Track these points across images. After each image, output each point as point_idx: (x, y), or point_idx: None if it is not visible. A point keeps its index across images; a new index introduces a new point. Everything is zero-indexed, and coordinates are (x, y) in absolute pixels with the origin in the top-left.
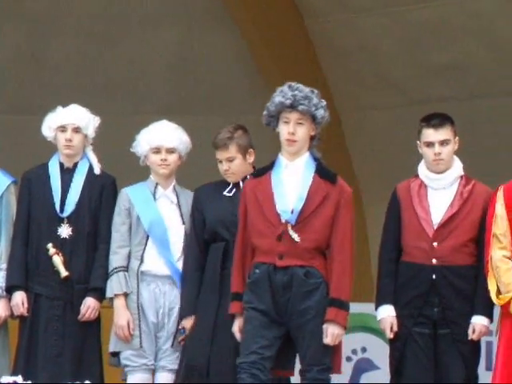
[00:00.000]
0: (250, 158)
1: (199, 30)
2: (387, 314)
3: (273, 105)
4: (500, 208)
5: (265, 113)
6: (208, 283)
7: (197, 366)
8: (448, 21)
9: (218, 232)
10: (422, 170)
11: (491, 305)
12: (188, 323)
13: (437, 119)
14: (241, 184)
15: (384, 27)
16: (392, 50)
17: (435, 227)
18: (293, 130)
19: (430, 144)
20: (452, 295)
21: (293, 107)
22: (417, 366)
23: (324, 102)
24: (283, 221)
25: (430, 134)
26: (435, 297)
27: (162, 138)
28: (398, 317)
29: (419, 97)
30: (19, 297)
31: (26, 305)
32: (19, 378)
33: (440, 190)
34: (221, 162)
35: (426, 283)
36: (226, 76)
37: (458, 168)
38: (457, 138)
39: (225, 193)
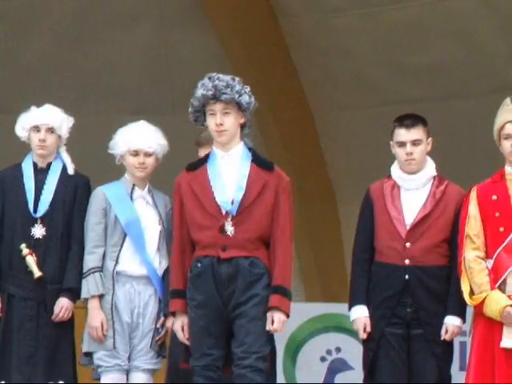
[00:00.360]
0: None
1: (173, 29)
2: (360, 314)
3: (196, 99)
4: (473, 209)
5: (190, 109)
6: None
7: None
8: (423, 22)
9: None
10: (395, 170)
11: (464, 305)
12: (170, 322)
13: (409, 119)
14: None
15: (359, 28)
16: (366, 51)
17: (408, 228)
18: (220, 120)
19: (402, 144)
20: (425, 295)
21: (216, 98)
22: (390, 366)
23: (247, 88)
24: (224, 212)
25: (401, 134)
26: (408, 297)
27: (141, 142)
28: (371, 317)
29: (394, 97)
30: None
31: None
32: None
33: (413, 190)
34: None
35: (399, 284)
36: (201, 76)
37: (430, 168)
38: (430, 138)
39: None
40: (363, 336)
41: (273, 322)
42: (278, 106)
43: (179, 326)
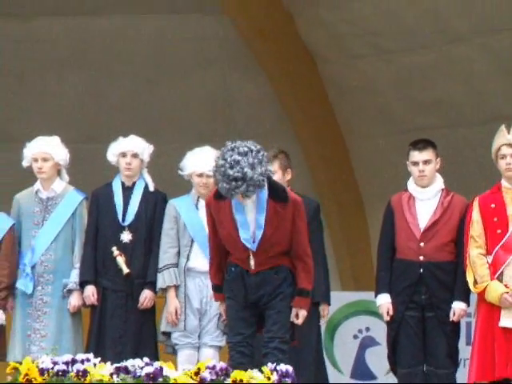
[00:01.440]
0: (288, 176)
1: (232, 73)
2: (384, 301)
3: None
4: (476, 215)
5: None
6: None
7: None
8: (432, 64)
9: None
10: (411, 184)
11: (468, 292)
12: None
13: (421, 143)
14: None
15: (380, 69)
16: (387, 89)
17: (422, 230)
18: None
19: (415, 163)
20: (436, 285)
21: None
22: (409, 342)
23: (263, 161)
24: (247, 248)
25: (415, 155)
26: (422, 286)
27: (206, 165)
28: (392, 303)
29: (409, 126)
30: (90, 290)
31: (95, 296)
32: (91, 355)
33: (425, 200)
34: None
35: (415, 276)
36: (255, 111)
37: (439, 183)
38: (438, 159)
39: None
40: (387, 318)
41: (297, 316)
42: (318, 136)
43: (223, 309)
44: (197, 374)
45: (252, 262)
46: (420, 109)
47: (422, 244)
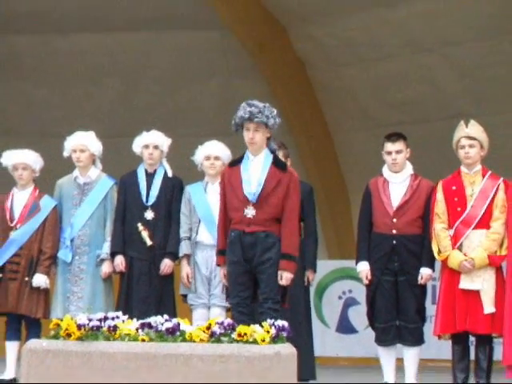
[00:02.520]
0: (288, 164)
1: (236, 79)
2: (364, 267)
3: (237, 117)
4: (440, 195)
5: (233, 123)
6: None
7: None
8: (402, 71)
9: None
10: (385, 171)
11: (433, 260)
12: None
13: (394, 136)
14: None
15: (360, 75)
16: (366, 91)
17: (394, 209)
18: (252, 135)
19: (389, 153)
20: (406, 254)
21: (251, 120)
22: (384, 301)
23: (274, 112)
24: (248, 199)
25: (389, 146)
26: (395, 255)
27: (212, 150)
28: (371, 269)
29: (385, 122)
30: (119, 259)
31: (124, 264)
32: (120, 313)
33: (397, 183)
34: None
35: (389, 247)
36: None
37: (409, 169)
38: (408, 149)
39: None
40: (366, 282)
41: (282, 278)
42: (308, 131)
43: (223, 273)
44: (208, 328)
45: (250, 213)
46: (393, 108)
47: (394, 220)
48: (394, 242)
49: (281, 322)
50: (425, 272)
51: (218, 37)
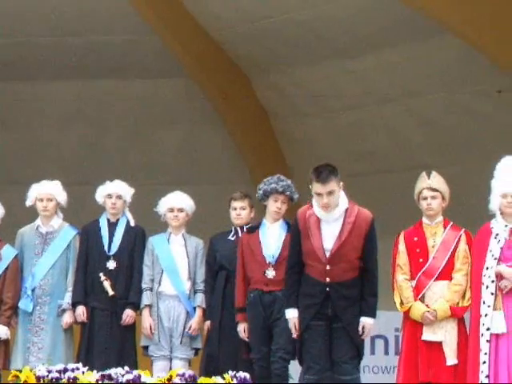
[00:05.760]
0: (252, 214)
1: (199, 128)
2: (292, 315)
3: (268, 189)
4: (402, 246)
5: (261, 192)
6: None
7: (213, 356)
8: (364, 121)
9: (223, 264)
10: (316, 206)
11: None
12: (206, 325)
13: (324, 174)
14: (239, 230)
15: (322, 125)
16: (328, 141)
17: (327, 256)
18: (280, 206)
19: (319, 194)
20: (342, 301)
21: (283, 192)
22: (313, 344)
23: (294, 188)
24: (268, 262)
25: (318, 188)
26: (329, 302)
27: (176, 202)
28: (300, 315)
29: (347, 172)
30: (80, 309)
31: (85, 315)
32: (80, 365)
33: (330, 222)
34: (235, 209)
35: (322, 294)
36: (217, 160)
37: (343, 204)
38: (341, 183)
39: (229, 237)
40: (295, 334)
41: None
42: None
43: (242, 328)
44: (169, 380)
45: (270, 274)
46: (355, 158)
47: (328, 267)
48: (328, 289)
49: (243, 374)
50: (366, 322)
51: (181, 85)
